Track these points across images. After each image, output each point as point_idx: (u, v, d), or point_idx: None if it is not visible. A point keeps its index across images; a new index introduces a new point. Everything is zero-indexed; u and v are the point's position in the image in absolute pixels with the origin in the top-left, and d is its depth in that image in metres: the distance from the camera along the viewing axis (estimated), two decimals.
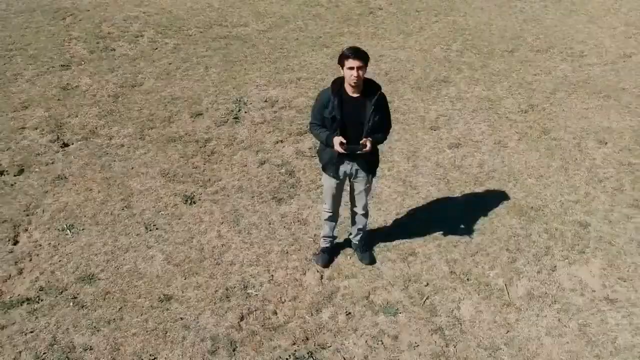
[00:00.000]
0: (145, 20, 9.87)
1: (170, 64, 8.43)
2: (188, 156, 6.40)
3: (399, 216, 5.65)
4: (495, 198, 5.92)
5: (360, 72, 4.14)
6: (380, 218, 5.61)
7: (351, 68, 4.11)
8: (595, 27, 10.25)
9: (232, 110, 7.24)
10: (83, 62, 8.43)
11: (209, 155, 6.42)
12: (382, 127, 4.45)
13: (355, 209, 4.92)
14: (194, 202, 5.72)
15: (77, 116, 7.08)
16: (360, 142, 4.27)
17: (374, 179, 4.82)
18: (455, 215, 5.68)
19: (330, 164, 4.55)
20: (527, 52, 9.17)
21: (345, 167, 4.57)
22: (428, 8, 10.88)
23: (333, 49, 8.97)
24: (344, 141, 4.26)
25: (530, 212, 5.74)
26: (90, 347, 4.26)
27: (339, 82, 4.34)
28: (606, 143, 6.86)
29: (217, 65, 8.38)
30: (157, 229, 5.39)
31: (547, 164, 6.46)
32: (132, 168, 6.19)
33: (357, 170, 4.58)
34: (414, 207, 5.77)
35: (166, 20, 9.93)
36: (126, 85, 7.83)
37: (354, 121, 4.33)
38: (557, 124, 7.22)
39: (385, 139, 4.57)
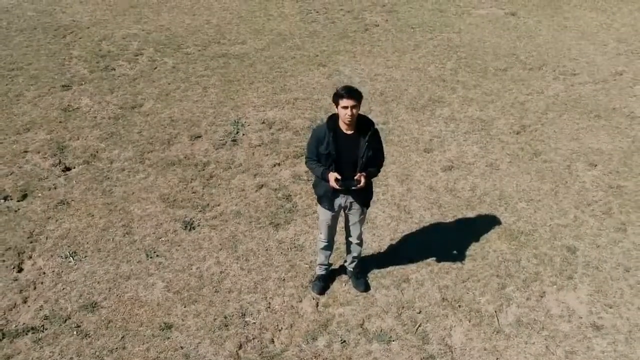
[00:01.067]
0: (145, 38, 10.01)
1: (169, 84, 8.58)
2: (187, 180, 6.55)
3: (393, 242, 5.81)
4: (486, 222, 6.09)
5: (354, 111, 4.30)
6: (374, 243, 5.77)
7: (345, 107, 4.27)
8: (587, 44, 10.43)
9: (230, 132, 7.40)
10: (83, 82, 8.57)
11: (207, 179, 6.58)
12: (375, 161, 4.61)
13: (350, 239, 5.08)
14: (193, 228, 5.87)
15: (78, 139, 7.23)
16: (355, 177, 4.43)
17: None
18: (447, 240, 5.84)
19: (326, 198, 4.70)
20: (519, 71, 9.34)
21: (340, 200, 4.72)
22: (423, 24, 11.04)
23: (329, 67, 9.13)
24: (339, 177, 4.42)
25: (521, 237, 5.90)
26: None
27: (334, 118, 4.50)
28: (596, 165, 7.02)
29: (216, 86, 8.54)
30: (157, 255, 5.54)
31: (538, 187, 6.63)
32: (133, 193, 6.34)
33: (351, 203, 4.74)
34: (408, 232, 5.93)
35: (165, 38, 10.08)
36: (126, 106, 7.98)
37: (348, 157, 4.49)
38: (548, 146, 7.39)
39: (379, 172, 4.73)
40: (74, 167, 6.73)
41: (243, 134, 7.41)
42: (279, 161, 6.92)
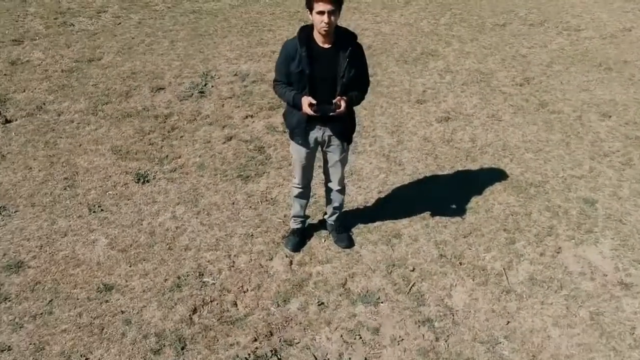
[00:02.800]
0: None
1: (132, 38, 7.70)
2: (145, 132, 5.68)
3: (382, 195, 4.96)
4: (489, 174, 5.26)
5: (332, 18, 3.45)
6: (360, 197, 4.92)
7: (321, 12, 3.42)
8: (590, 2, 9.63)
9: (197, 84, 6.53)
10: (37, 37, 7.67)
11: (168, 132, 5.71)
12: (358, 84, 3.77)
13: (330, 185, 4.23)
14: (147, 181, 5.00)
15: (24, 91, 6.34)
16: (334, 101, 3.58)
17: (351, 150, 4.12)
18: (445, 193, 5.01)
19: (299, 130, 3.85)
20: (519, 26, 8.52)
21: (317, 133, 3.87)
22: None
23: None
24: (314, 102, 3.57)
25: (530, 188, 5.08)
26: (9, 347, 3.54)
27: (307, 30, 3.66)
28: (610, 116, 6.21)
29: (184, 39, 7.66)
30: (102, 210, 4.67)
31: (546, 138, 5.81)
32: (80, 145, 5.46)
33: (329, 137, 3.89)
34: (399, 184, 5.09)
35: None
36: (83, 59, 7.09)
37: (326, 76, 3.64)
38: (555, 97, 6.57)
39: (363, 98, 3.89)
40: (15, 120, 5.84)
41: (212, 86, 6.54)
42: (252, 113, 6.05)
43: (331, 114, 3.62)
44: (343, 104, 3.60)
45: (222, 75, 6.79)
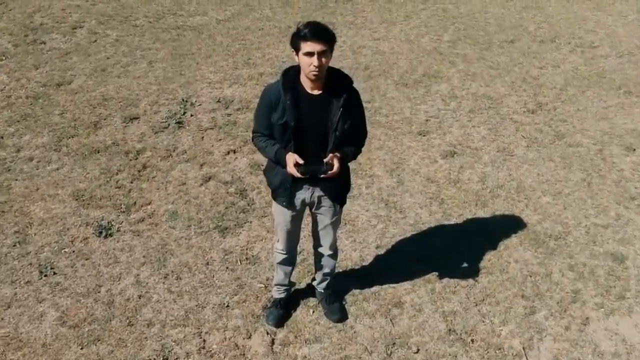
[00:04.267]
0: (87, 9, 8.45)
1: (108, 58, 7.04)
2: (112, 172, 5.02)
3: (380, 250, 4.32)
4: (503, 223, 4.62)
5: (323, 60, 2.81)
6: (354, 253, 4.27)
7: (309, 54, 2.79)
8: (604, 15, 8.99)
9: (175, 113, 5.87)
10: (4, 57, 7.02)
11: (139, 171, 5.05)
12: (354, 137, 3.13)
13: (320, 249, 3.58)
14: (110, 235, 4.35)
15: None
16: (325, 160, 2.93)
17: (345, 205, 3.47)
18: (452, 248, 4.36)
19: (283, 190, 3.21)
20: (529, 43, 7.88)
21: (304, 194, 3.23)
22: None
23: None
24: (301, 161, 2.92)
25: (549, 241, 4.43)
26: None
27: (292, 73, 3.02)
28: (634, 149, 5.58)
29: (164, 60, 7.00)
30: (55, 273, 4.01)
31: (565, 177, 5.16)
32: (38, 189, 4.81)
33: (320, 197, 3.25)
34: (400, 237, 4.45)
35: (112, 9, 8.52)
36: (51, 83, 6.44)
37: (315, 129, 3.02)
38: (572, 127, 5.93)
39: (360, 152, 3.25)
40: None
41: (191, 115, 5.89)
42: (235, 147, 5.41)
43: (322, 175, 2.97)
44: (336, 163, 2.96)
45: (204, 101, 6.13)
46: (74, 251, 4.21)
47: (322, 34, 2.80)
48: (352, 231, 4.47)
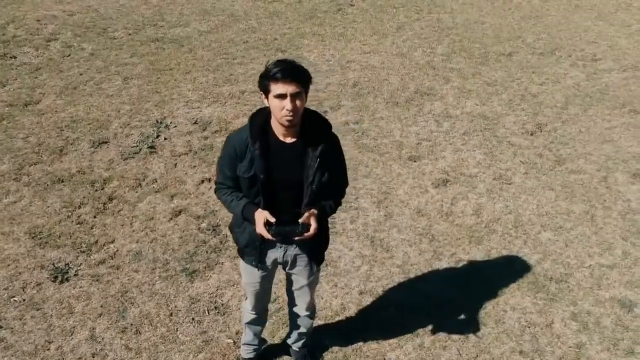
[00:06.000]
0: (64, 20, 8.04)
1: (81, 74, 6.63)
2: (74, 206, 4.62)
3: (364, 297, 3.91)
4: (499, 264, 4.22)
5: (298, 103, 2.40)
6: (335, 301, 3.86)
7: (281, 96, 2.38)
8: (606, 25, 8.60)
9: (147, 137, 5.47)
10: None
11: (104, 204, 4.65)
12: (333, 190, 2.72)
13: (295, 309, 3.17)
14: (67, 280, 3.95)
15: None
16: (300, 221, 2.53)
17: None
18: (442, 294, 3.96)
19: (252, 249, 2.80)
20: (528, 56, 7.48)
21: (276, 253, 2.83)
22: (407, 4, 9.15)
23: (290, 53, 7.22)
24: (272, 219, 2.51)
25: (550, 285, 4.03)
26: None
27: (261, 117, 2.60)
28: None
29: (140, 76, 6.59)
30: (1, 327, 3.60)
31: (567, 209, 4.76)
32: None
33: (295, 256, 2.85)
34: (385, 281, 4.05)
35: (89, 20, 8.11)
36: (18, 103, 6.03)
37: (288, 182, 2.61)
38: (574, 151, 5.53)
39: (340, 204, 2.83)
40: None
41: (165, 139, 5.48)
42: (210, 175, 5.00)
43: (296, 238, 2.56)
44: (313, 223, 2.55)
45: (180, 123, 5.73)
46: (24, 299, 3.80)
47: (295, 74, 2.39)
48: (333, 274, 4.06)
